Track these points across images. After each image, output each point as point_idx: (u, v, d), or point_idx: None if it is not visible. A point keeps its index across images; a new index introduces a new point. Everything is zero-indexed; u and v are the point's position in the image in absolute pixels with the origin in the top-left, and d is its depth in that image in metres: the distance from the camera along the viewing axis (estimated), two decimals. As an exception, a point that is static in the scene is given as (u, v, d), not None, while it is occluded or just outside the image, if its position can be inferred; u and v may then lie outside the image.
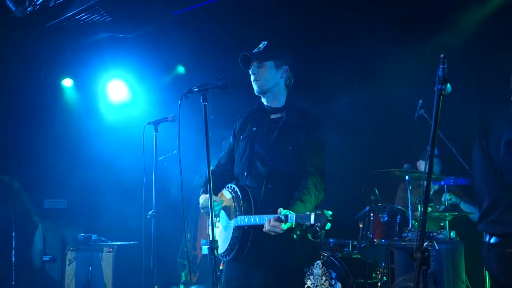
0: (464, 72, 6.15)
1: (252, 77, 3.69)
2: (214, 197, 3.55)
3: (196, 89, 3.40)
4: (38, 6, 6.16)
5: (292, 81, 3.77)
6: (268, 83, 3.66)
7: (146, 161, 4.88)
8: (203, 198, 3.73)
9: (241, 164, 3.71)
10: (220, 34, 7.23)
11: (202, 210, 3.71)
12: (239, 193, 3.54)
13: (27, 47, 7.43)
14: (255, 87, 3.69)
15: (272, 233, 3.22)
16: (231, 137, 3.90)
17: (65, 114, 8.45)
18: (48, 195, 8.01)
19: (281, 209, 3.20)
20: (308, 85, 7.11)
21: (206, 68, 7.77)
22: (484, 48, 6.27)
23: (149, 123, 4.91)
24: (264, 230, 3.25)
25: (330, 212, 3.08)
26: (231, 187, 3.64)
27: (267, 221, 3.22)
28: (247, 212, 3.46)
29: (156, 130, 4.86)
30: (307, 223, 3.08)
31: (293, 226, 3.18)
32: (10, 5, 6.12)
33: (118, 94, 8.41)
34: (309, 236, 3.20)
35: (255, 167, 3.62)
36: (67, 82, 8.55)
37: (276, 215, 3.19)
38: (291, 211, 3.18)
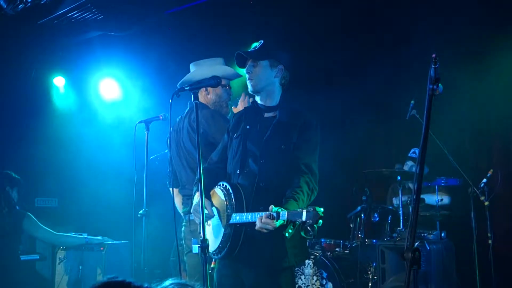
0: (456, 72, 6.17)
1: (247, 76, 3.71)
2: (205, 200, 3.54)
3: (188, 88, 3.43)
4: (29, 4, 6.11)
5: (288, 79, 3.78)
6: (261, 82, 3.68)
7: (137, 160, 4.87)
8: (197, 199, 3.67)
9: (234, 162, 3.70)
10: (213, 33, 7.21)
11: (193, 214, 3.69)
12: (230, 191, 3.53)
13: (18, 45, 7.39)
14: (249, 86, 3.71)
15: (265, 230, 3.21)
16: (225, 134, 3.89)
17: (56, 113, 8.41)
18: (39, 194, 7.96)
19: (273, 206, 3.18)
20: (301, 85, 7.11)
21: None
22: (475, 47, 6.28)
23: (140, 122, 4.91)
24: (256, 228, 3.24)
25: (322, 209, 3.08)
26: (223, 185, 3.62)
27: (258, 218, 3.21)
28: (238, 210, 3.45)
29: (148, 129, 4.86)
30: (299, 220, 3.06)
31: (285, 223, 3.14)
32: (1, 2, 6.06)
33: (110, 92, 8.37)
34: (302, 233, 3.16)
35: (247, 165, 3.61)
36: (59, 81, 8.50)
37: (268, 212, 3.18)
38: (282, 208, 3.16)
